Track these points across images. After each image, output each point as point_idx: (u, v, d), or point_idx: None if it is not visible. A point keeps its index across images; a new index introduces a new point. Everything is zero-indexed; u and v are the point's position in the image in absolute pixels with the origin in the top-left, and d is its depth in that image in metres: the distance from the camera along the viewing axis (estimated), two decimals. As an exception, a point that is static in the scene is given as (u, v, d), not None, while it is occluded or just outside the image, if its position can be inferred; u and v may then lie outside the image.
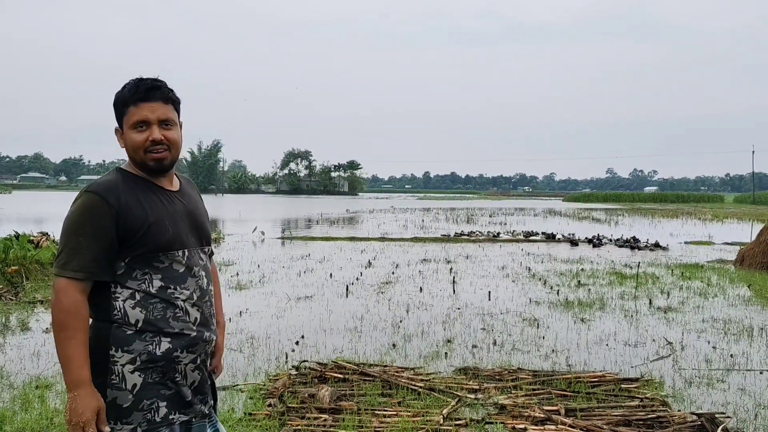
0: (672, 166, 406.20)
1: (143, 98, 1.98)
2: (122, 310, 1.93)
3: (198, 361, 2.05)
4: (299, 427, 4.02)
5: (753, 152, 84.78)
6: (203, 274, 2.08)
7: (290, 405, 4.42)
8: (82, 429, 1.86)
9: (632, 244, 18.22)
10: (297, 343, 6.44)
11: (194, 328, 2.01)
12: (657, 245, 17.95)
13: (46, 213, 32.46)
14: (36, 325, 7.16)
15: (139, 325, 1.93)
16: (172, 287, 1.97)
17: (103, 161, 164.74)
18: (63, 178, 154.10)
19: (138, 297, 1.94)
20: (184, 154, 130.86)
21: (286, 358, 5.85)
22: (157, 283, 1.96)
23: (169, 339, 1.96)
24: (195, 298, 2.02)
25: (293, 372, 5.32)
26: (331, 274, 11.39)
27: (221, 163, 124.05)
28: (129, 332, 1.92)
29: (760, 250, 12.72)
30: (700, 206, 58.51)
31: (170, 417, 1.97)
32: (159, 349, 1.94)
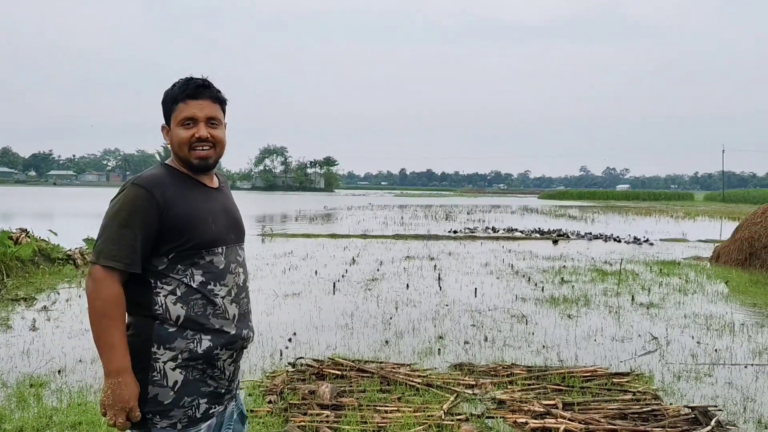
0: (643, 165, 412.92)
1: (192, 96, 2.02)
2: (164, 306, 1.95)
3: (234, 356, 2.08)
4: (303, 423, 4.04)
5: (723, 151, 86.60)
6: (240, 270, 2.11)
7: (291, 401, 4.43)
8: (125, 414, 1.92)
9: (640, 240, 19.45)
10: (290, 340, 6.44)
11: (233, 324, 2.04)
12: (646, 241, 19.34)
13: (18, 208, 31.84)
14: (21, 323, 7.05)
15: (180, 321, 1.95)
16: (212, 283, 2.00)
17: (74, 156, 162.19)
18: (32, 173, 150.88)
19: (179, 293, 1.96)
20: (158, 148, 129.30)
21: (281, 355, 5.86)
22: (198, 279, 1.98)
23: (209, 336, 1.98)
24: (233, 294, 2.05)
25: (290, 369, 5.34)
26: (316, 271, 11.39)
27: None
28: (171, 330, 1.94)
29: (735, 247, 13.03)
30: (672, 204, 59.62)
31: (210, 411, 2.01)
32: (200, 347, 1.97)
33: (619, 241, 19.22)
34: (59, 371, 5.24)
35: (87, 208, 35.18)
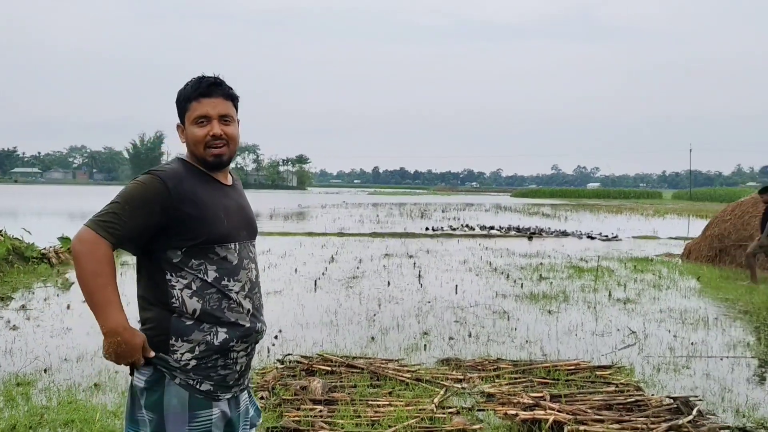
0: (613, 164, 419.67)
1: (205, 94, 2.06)
2: (180, 299, 1.99)
3: (248, 349, 2.13)
4: (297, 418, 4.08)
5: (690, 151, 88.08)
6: (252, 266, 2.16)
7: (284, 397, 4.47)
8: (132, 365, 1.99)
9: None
10: (276, 337, 6.46)
11: (247, 318, 2.08)
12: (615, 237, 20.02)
13: (-15, 207, 31.10)
14: (0, 322, 6.94)
15: (197, 314, 1.99)
16: (226, 279, 2.04)
17: (39, 153, 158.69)
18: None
19: (195, 287, 2.00)
20: (126, 145, 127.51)
21: (268, 352, 5.88)
22: (212, 274, 2.02)
23: (225, 329, 2.03)
24: (246, 290, 2.10)
25: (279, 365, 5.37)
26: (296, 269, 11.40)
27: (165, 157, 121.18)
28: (188, 323, 1.99)
29: (706, 244, 13.38)
30: (641, 202, 60.71)
31: (216, 395, 2.04)
32: (216, 339, 2.01)
33: (593, 238, 19.64)
34: (45, 370, 5.19)
35: (56, 207, 34.58)
